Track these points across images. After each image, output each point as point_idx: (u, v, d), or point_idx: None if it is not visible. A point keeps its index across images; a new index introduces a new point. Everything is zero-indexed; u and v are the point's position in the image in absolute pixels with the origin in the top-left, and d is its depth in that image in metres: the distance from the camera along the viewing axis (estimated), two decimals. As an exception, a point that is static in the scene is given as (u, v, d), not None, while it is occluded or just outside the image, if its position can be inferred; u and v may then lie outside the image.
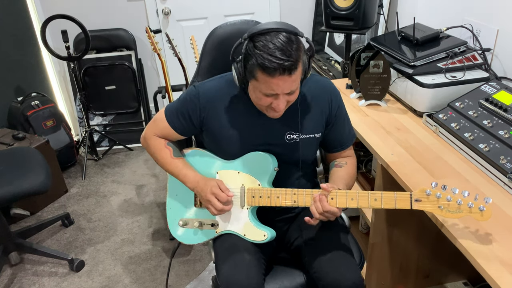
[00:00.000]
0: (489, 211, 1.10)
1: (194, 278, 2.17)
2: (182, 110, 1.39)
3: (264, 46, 1.13)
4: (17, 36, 2.98)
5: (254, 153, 1.37)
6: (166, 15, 3.33)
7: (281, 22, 1.18)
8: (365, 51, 1.89)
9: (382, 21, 2.73)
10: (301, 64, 1.19)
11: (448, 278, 1.89)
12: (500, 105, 1.48)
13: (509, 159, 1.32)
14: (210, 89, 1.37)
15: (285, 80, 1.16)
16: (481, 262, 1.05)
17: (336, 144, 1.46)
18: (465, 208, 1.11)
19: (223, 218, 1.42)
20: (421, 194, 1.16)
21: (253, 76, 1.19)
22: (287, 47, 1.13)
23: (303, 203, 1.30)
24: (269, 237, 1.37)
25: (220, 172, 1.41)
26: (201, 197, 1.37)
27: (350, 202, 1.23)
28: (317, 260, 1.33)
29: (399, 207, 1.19)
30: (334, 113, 1.40)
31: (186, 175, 1.41)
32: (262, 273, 1.35)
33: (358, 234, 2.20)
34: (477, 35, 1.86)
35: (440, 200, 1.14)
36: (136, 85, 3.33)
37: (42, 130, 2.93)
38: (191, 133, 1.48)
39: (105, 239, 2.48)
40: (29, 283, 2.20)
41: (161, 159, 1.45)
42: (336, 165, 1.45)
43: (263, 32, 1.15)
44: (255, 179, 1.36)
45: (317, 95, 1.38)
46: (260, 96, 1.23)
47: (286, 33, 1.15)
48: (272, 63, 1.12)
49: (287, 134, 1.37)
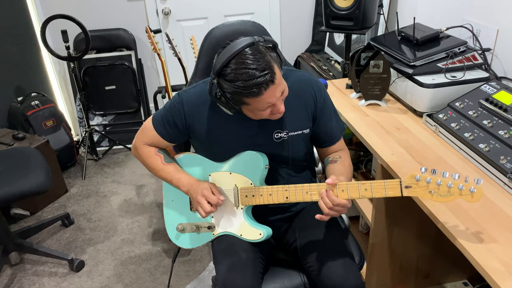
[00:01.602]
0: (480, 192, 1.07)
1: (194, 278, 2.17)
2: (167, 118, 1.39)
3: (235, 75, 1.12)
4: (17, 36, 2.97)
5: (245, 153, 1.37)
6: (166, 15, 3.33)
7: (236, 42, 1.15)
8: (365, 51, 1.89)
9: (382, 21, 2.72)
10: (275, 64, 1.16)
11: (448, 278, 1.89)
12: (500, 105, 1.48)
13: (509, 159, 1.32)
14: (193, 95, 1.37)
15: (273, 90, 1.15)
16: (481, 262, 1.05)
17: (326, 138, 1.45)
18: (456, 190, 1.09)
19: (219, 220, 1.43)
20: (411, 180, 1.14)
21: (242, 104, 1.20)
22: (255, 62, 1.11)
23: (295, 199, 1.31)
24: (265, 235, 1.37)
25: (213, 174, 1.41)
26: (193, 199, 1.37)
27: (341, 194, 1.22)
28: (317, 263, 1.33)
29: (390, 195, 1.17)
30: (319, 107, 1.39)
31: (179, 179, 1.41)
32: (259, 273, 1.35)
33: (358, 234, 2.20)
34: (477, 35, 1.86)
35: (430, 185, 1.12)
36: (136, 85, 3.33)
37: (42, 130, 2.93)
38: (179, 140, 1.47)
39: (105, 239, 2.48)
40: (29, 283, 2.20)
41: (153, 166, 1.46)
42: (331, 161, 1.44)
43: (226, 64, 1.13)
44: (247, 178, 1.36)
45: (300, 91, 1.38)
46: (258, 113, 1.23)
47: (245, 48, 1.13)
48: (254, 86, 1.11)
49: (274, 133, 1.37)
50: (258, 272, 1.34)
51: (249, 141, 1.37)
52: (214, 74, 1.17)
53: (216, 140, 1.38)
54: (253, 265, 1.33)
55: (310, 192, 1.28)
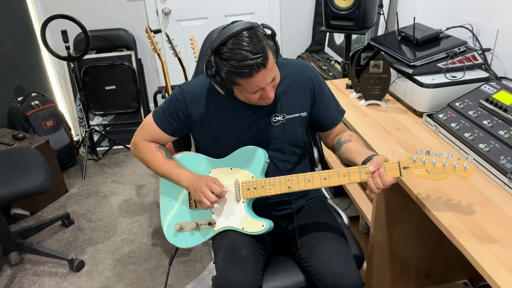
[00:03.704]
0: (471, 167, 1.16)
1: (194, 278, 2.17)
2: (169, 110, 1.41)
3: (230, 54, 1.17)
4: (17, 36, 2.97)
5: (245, 148, 1.39)
6: (166, 15, 3.33)
7: (236, 24, 1.21)
8: (365, 51, 1.89)
9: (382, 21, 2.73)
10: (270, 51, 1.21)
11: (448, 278, 1.89)
12: (500, 105, 1.48)
13: (509, 159, 1.32)
14: (194, 86, 1.41)
15: (264, 74, 1.20)
16: (481, 262, 1.05)
17: (328, 120, 1.48)
18: (450, 168, 1.17)
19: (219, 215, 1.43)
20: (408, 161, 1.21)
21: (233, 84, 1.25)
22: (251, 44, 1.16)
23: (297, 188, 1.32)
24: (268, 226, 1.37)
25: (213, 171, 1.43)
26: (195, 191, 1.37)
27: (342, 179, 1.27)
28: (316, 263, 1.33)
29: (390, 176, 1.22)
30: (317, 89, 1.44)
31: (180, 174, 1.42)
32: (260, 268, 1.35)
33: (358, 234, 2.20)
34: (477, 35, 1.86)
35: (427, 165, 1.19)
36: (136, 85, 3.33)
37: (42, 130, 2.93)
38: (181, 133, 1.48)
39: (105, 239, 2.48)
40: (29, 283, 2.20)
41: (153, 162, 1.46)
42: (344, 141, 1.44)
43: (223, 42, 1.18)
44: (248, 172, 1.38)
45: (297, 76, 1.42)
46: (248, 96, 1.28)
47: (245, 31, 1.18)
48: (247, 67, 1.16)
49: (272, 117, 1.40)
50: (258, 268, 1.34)
51: (249, 128, 1.40)
52: (211, 51, 1.22)
53: (216, 129, 1.40)
54: (253, 261, 1.33)
55: (312, 180, 1.31)
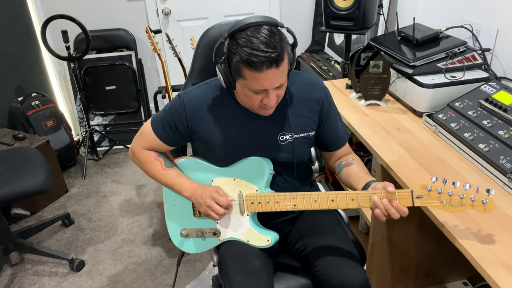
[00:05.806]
0: (491, 203, 1.06)
1: (194, 278, 2.17)
2: (168, 121, 1.34)
3: (246, 41, 1.10)
4: (17, 36, 2.98)
5: (249, 159, 1.33)
6: (166, 15, 3.33)
7: (260, 16, 1.14)
8: (365, 51, 1.89)
9: (382, 21, 2.73)
10: (287, 55, 1.15)
11: (448, 278, 1.89)
12: (499, 105, 1.48)
13: (509, 159, 1.32)
14: (195, 97, 1.33)
15: (273, 73, 1.12)
16: (481, 262, 1.05)
17: (333, 141, 1.43)
18: (468, 202, 1.08)
19: (224, 226, 1.39)
20: (422, 190, 1.14)
21: (239, 75, 1.15)
22: (270, 39, 1.10)
23: (303, 207, 1.27)
24: (273, 241, 1.34)
25: (216, 180, 1.37)
26: (200, 204, 1.32)
27: (350, 203, 1.21)
28: (322, 263, 1.33)
29: (402, 204, 1.16)
30: (325, 110, 1.38)
31: (181, 184, 1.36)
32: (271, 278, 1.34)
33: (358, 234, 2.20)
34: (476, 35, 1.86)
35: (442, 196, 1.11)
36: (136, 85, 3.33)
37: (43, 130, 2.93)
38: (179, 144, 1.43)
39: (105, 239, 2.48)
40: (29, 283, 2.20)
41: (152, 171, 1.40)
42: (346, 164, 1.41)
43: (243, 28, 1.12)
44: (252, 185, 1.32)
45: (306, 94, 1.36)
46: (249, 95, 1.19)
47: (267, 26, 1.12)
48: (258, 57, 1.09)
49: (280, 135, 1.34)
50: (271, 278, 1.33)
51: (254, 144, 1.33)
52: (227, 34, 1.15)
53: (219, 144, 1.33)
54: (266, 272, 1.31)
55: (319, 200, 1.25)
